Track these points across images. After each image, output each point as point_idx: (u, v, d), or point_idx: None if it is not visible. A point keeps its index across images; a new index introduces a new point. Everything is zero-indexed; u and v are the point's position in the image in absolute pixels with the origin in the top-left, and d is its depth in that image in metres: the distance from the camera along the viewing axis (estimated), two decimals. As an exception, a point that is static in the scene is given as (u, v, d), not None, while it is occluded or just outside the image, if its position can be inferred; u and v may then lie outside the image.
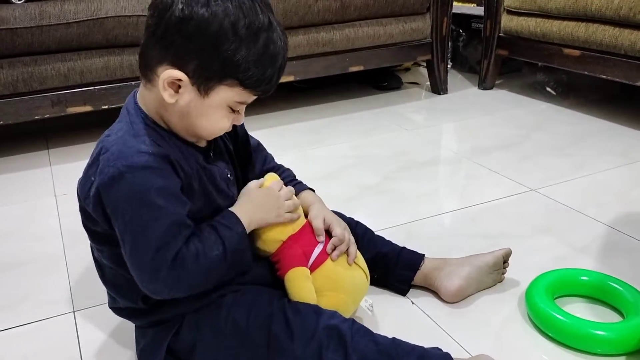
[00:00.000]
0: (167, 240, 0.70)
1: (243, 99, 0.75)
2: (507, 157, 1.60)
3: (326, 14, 1.90)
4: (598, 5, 1.74)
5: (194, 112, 0.74)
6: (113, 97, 1.68)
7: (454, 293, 0.96)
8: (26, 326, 0.97)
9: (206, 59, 0.70)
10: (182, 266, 0.71)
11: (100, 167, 0.71)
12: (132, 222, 0.70)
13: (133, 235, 0.70)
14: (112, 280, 0.81)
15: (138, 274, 0.72)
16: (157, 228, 0.70)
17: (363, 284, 0.89)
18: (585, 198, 1.34)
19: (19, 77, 1.56)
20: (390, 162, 1.60)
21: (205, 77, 0.71)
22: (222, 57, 0.69)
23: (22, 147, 1.77)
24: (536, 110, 2.02)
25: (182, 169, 0.75)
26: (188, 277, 0.72)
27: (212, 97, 0.73)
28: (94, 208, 0.73)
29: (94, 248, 0.82)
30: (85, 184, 0.75)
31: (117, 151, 0.71)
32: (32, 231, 1.29)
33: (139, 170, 0.70)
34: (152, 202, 0.70)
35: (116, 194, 0.70)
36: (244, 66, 0.70)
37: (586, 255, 1.11)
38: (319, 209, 0.90)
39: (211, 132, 0.78)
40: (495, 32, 2.16)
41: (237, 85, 0.72)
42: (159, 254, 0.70)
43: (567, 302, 0.97)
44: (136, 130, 0.74)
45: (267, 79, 0.73)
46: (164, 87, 0.71)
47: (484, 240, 1.16)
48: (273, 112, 2.05)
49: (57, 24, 1.54)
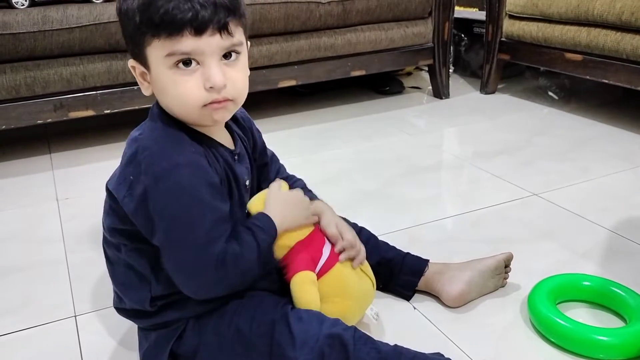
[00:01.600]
0: (213, 237, 0.71)
1: (169, 48, 0.69)
2: (509, 162, 1.60)
3: (328, 18, 1.91)
4: (600, 10, 1.74)
5: (157, 91, 0.74)
6: (115, 101, 1.68)
7: (456, 298, 0.96)
8: (28, 330, 0.97)
9: (125, 32, 0.73)
10: (224, 266, 0.71)
11: (143, 167, 0.71)
12: (180, 218, 0.70)
13: (180, 232, 0.70)
14: (122, 277, 0.81)
15: (182, 272, 0.72)
16: (205, 224, 0.70)
17: (370, 291, 0.89)
18: (587, 203, 1.34)
19: (22, 82, 1.56)
20: (392, 166, 1.60)
21: (133, 49, 0.73)
22: (123, 23, 0.72)
23: (24, 151, 1.78)
24: (538, 115, 2.02)
25: (215, 169, 0.76)
26: (227, 277, 0.73)
27: (151, 65, 0.72)
28: (135, 208, 0.72)
29: (109, 246, 0.81)
30: (123, 183, 0.74)
31: (159, 150, 0.72)
32: (33, 235, 1.29)
33: (185, 167, 0.70)
34: (200, 197, 0.70)
35: (164, 191, 0.70)
36: (138, 17, 0.69)
37: (588, 260, 1.11)
38: (330, 216, 0.90)
39: (182, 105, 0.72)
40: (497, 36, 2.16)
41: (150, 38, 0.69)
42: (206, 251, 0.70)
43: (570, 308, 0.97)
44: (171, 130, 0.75)
45: (160, 11, 0.67)
46: (139, 82, 0.75)
47: (486, 245, 1.15)
48: (275, 117, 2.05)
49: (59, 29, 1.55)
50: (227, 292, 0.76)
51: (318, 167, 1.61)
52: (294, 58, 1.91)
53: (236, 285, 0.76)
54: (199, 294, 0.74)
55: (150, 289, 0.78)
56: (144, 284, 0.78)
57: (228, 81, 0.72)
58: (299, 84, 1.97)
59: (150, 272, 0.77)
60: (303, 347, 0.74)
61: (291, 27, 1.86)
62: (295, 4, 1.82)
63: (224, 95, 0.72)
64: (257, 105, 2.16)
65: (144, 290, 0.78)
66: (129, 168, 0.73)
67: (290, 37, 1.88)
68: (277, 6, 1.79)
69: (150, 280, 0.78)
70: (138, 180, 0.71)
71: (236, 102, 0.76)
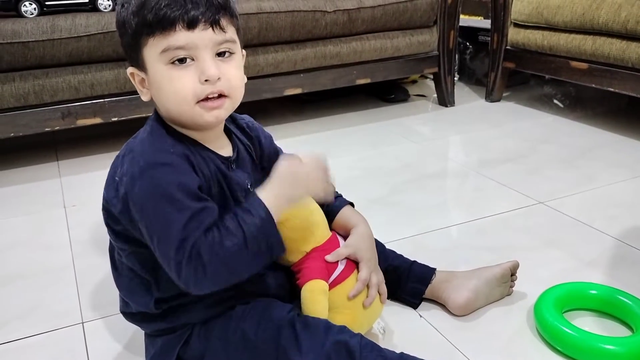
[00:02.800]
0: (187, 233, 0.69)
1: (163, 44, 0.71)
2: (515, 170, 1.60)
3: (334, 27, 1.92)
4: (605, 19, 1.75)
5: (154, 92, 0.75)
6: (123, 109, 1.69)
7: (462, 306, 0.96)
8: (35, 337, 0.97)
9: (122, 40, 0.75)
10: (199, 257, 0.68)
11: (125, 167, 0.73)
12: (156, 217, 0.70)
13: (158, 231, 0.70)
14: (127, 282, 0.81)
15: (167, 269, 0.71)
16: (179, 221, 0.69)
17: (379, 305, 0.89)
18: (593, 211, 1.34)
19: (30, 90, 1.58)
20: (397, 174, 1.61)
21: (130, 54, 0.75)
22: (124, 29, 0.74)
23: (31, 159, 1.79)
24: (543, 123, 2.02)
25: (202, 171, 0.75)
26: (206, 269, 0.68)
27: (148, 66, 0.73)
28: (121, 209, 0.74)
29: (114, 249, 0.82)
30: (111, 184, 0.76)
31: (140, 151, 0.73)
32: (41, 242, 1.30)
33: (159, 166, 0.71)
34: (172, 196, 0.70)
35: (139, 191, 0.71)
36: (132, 19, 0.72)
37: (594, 268, 1.11)
38: (357, 239, 0.88)
39: (176, 101, 0.73)
40: (502, 44, 2.17)
41: (145, 38, 0.71)
42: (181, 246, 0.68)
43: (576, 316, 0.96)
44: (158, 133, 0.76)
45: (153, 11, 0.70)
46: (139, 90, 0.77)
47: (491, 253, 1.15)
48: (280, 124, 2.06)
49: (68, 38, 1.57)
50: (218, 284, 0.71)
51: (324, 175, 1.61)
52: (300, 66, 1.92)
53: (225, 276, 0.71)
54: (190, 288, 0.71)
55: (153, 293, 0.78)
56: (146, 288, 0.79)
57: (222, 75, 0.73)
58: (305, 92, 1.98)
59: (150, 276, 0.78)
60: (309, 353, 0.74)
61: (297, 36, 1.87)
62: (301, 12, 1.83)
63: (218, 89, 0.73)
64: (262, 112, 2.17)
65: (147, 295, 0.79)
66: (116, 169, 0.76)
67: (297, 45, 1.89)
68: (284, 15, 1.81)
69: (152, 284, 0.78)
70: (122, 182, 0.73)
71: (232, 100, 0.76)
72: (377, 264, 0.90)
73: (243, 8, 1.74)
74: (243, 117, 0.91)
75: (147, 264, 0.77)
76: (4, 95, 1.55)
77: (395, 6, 2.00)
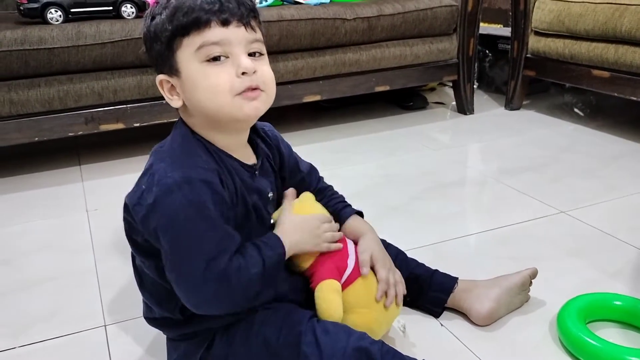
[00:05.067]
0: (218, 252, 0.71)
1: (198, 42, 0.72)
2: (536, 179, 1.59)
3: (353, 35, 1.92)
4: (628, 27, 1.73)
5: (189, 95, 0.76)
6: (145, 115, 1.71)
7: (486, 316, 0.95)
8: (58, 339, 0.98)
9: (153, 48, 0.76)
10: (228, 280, 0.71)
11: (157, 178, 0.73)
12: (187, 231, 0.71)
13: (187, 245, 0.71)
14: (151, 289, 0.82)
15: (184, 285, 0.72)
16: (212, 239, 0.71)
17: (395, 305, 0.88)
18: (616, 221, 1.32)
19: (55, 95, 1.61)
20: (416, 182, 1.60)
21: (162, 60, 0.76)
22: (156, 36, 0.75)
23: (54, 163, 1.82)
24: (564, 132, 2.00)
25: (228, 187, 0.76)
26: (230, 292, 0.72)
27: (182, 68, 0.75)
28: (143, 218, 0.73)
29: (135, 257, 0.83)
30: (136, 192, 0.76)
31: (173, 163, 0.73)
32: (64, 245, 1.31)
33: (195, 182, 0.71)
34: (208, 213, 0.71)
35: (172, 204, 0.71)
36: (167, 24, 0.73)
37: (617, 279, 1.09)
38: (368, 242, 0.90)
39: (214, 97, 0.74)
40: (522, 53, 2.16)
41: (180, 40, 0.73)
42: (210, 266, 0.70)
43: (600, 327, 0.95)
44: (190, 145, 0.77)
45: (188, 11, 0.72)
46: (167, 97, 0.78)
47: (512, 263, 1.14)
48: (299, 131, 2.07)
49: (92, 44, 1.59)
50: (229, 308, 0.75)
51: (342, 182, 1.60)
52: (319, 73, 1.93)
53: (239, 301, 0.74)
54: (200, 308, 0.73)
55: (177, 300, 0.79)
56: (171, 296, 0.79)
57: (257, 70, 0.75)
58: (324, 99, 1.99)
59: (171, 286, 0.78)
60: (330, 359, 0.75)
61: (317, 43, 1.88)
62: (321, 20, 1.84)
63: (255, 82, 0.74)
64: (281, 119, 2.18)
65: (171, 301, 0.79)
66: (143, 178, 0.76)
67: (316, 52, 1.90)
68: (304, 22, 1.82)
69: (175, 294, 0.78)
70: (150, 191, 0.73)
71: (267, 95, 0.77)
72: (392, 264, 0.90)
73: (264, 16, 1.73)
74: (264, 125, 0.92)
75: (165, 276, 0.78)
76: (29, 101, 1.58)
77: (415, 14, 2.01)
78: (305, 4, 1.95)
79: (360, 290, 0.84)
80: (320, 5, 1.93)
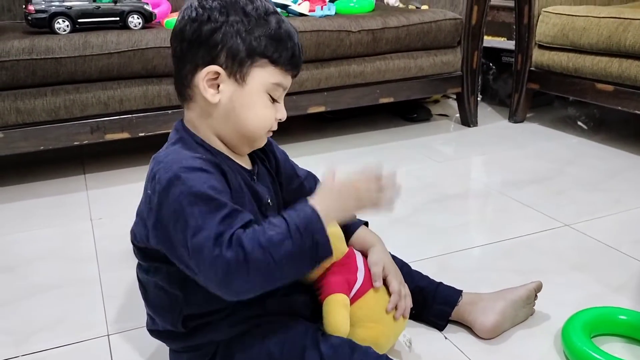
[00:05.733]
0: (224, 227, 0.68)
1: (278, 79, 0.79)
2: (540, 191, 1.59)
3: (358, 47, 1.93)
4: (632, 42, 1.74)
5: (238, 105, 0.78)
6: (150, 124, 1.72)
7: (491, 329, 0.95)
8: (61, 348, 0.98)
9: (231, 45, 0.76)
10: (239, 245, 0.66)
11: (157, 177, 0.73)
12: (191, 215, 0.69)
13: (193, 227, 0.68)
14: (154, 301, 0.82)
15: (204, 269, 0.68)
16: (216, 216, 0.68)
17: (402, 319, 0.88)
18: (620, 235, 1.32)
19: (61, 104, 1.61)
20: (420, 193, 1.60)
21: (237, 62, 0.76)
22: (243, 38, 0.76)
23: (59, 172, 1.82)
24: (568, 145, 2.01)
25: (231, 181, 0.77)
26: (247, 257, 0.66)
27: (250, 82, 0.77)
28: (155, 222, 0.73)
29: (140, 269, 0.83)
30: (146, 200, 0.76)
31: (171, 160, 0.74)
32: (68, 254, 1.31)
33: (194, 170, 0.72)
34: (209, 196, 0.70)
35: (173, 196, 0.71)
36: (265, 42, 0.76)
37: (621, 293, 1.09)
38: (379, 254, 0.90)
39: (258, 125, 0.80)
40: (526, 66, 2.17)
41: (268, 63, 0.78)
42: (218, 239, 0.67)
43: (605, 342, 0.95)
44: (189, 144, 0.78)
45: (290, 51, 0.79)
46: (204, 88, 0.77)
47: (516, 276, 1.14)
48: (304, 142, 2.07)
49: (99, 54, 1.60)
50: (259, 280, 0.68)
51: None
52: (324, 85, 1.94)
53: (266, 268, 0.67)
54: (231, 286, 0.67)
55: (182, 309, 0.79)
56: (175, 305, 0.79)
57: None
58: (328, 110, 2.00)
59: (179, 291, 0.78)
60: (335, 373, 0.74)
61: (322, 55, 1.89)
62: (326, 32, 1.86)
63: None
64: (285, 130, 2.18)
65: (175, 312, 0.79)
66: (148, 184, 0.76)
67: (321, 64, 1.91)
68: (309, 34, 1.83)
69: (181, 301, 0.79)
70: (155, 192, 0.73)
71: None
72: (402, 277, 0.90)
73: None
74: None
75: (175, 280, 0.78)
76: (35, 110, 1.59)
77: (420, 27, 2.02)
78: (311, 16, 1.96)
79: (369, 304, 0.84)
80: (326, 17, 1.94)
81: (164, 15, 1.94)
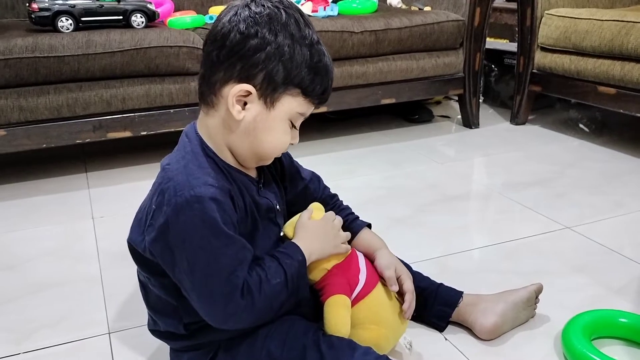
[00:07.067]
0: (235, 268, 0.72)
1: (304, 109, 0.79)
2: (541, 194, 1.59)
3: (361, 48, 1.94)
4: (634, 45, 1.74)
5: (260, 126, 0.77)
6: (152, 123, 1.72)
7: (490, 330, 0.95)
8: (62, 346, 0.99)
9: (271, 68, 0.74)
10: (250, 293, 0.73)
11: (167, 196, 0.73)
12: (202, 250, 0.71)
13: (203, 263, 0.71)
14: (155, 303, 0.82)
15: (206, 304, 0.72)
16: (228, 255, 0.72)
17: (404, 321, 0.88)
18: (622, 237, 1.32)
19: (64, 103, 1.62)
20: (421, 194, 1.60)
21: (272, 87, 0.75)
22: (285, 64, 0.74)
23: (61, 170, 1.83)
24: (570, 147, 2.01)
25: (238, 205, 0.77)
26: (255, 304, 0.73)
27: (278, 108, 0.77)
28: (155, 238, 0.74)
29: (140, 272, 0.83)
30: (148, 212, 0.76)
31: (183, 181, 0.73)
32: (69, 252, 1.32)
33: (207, 201, 0.71)
34: (222, 230, 0.71)
35: (184, 224, 0.71)
36: (304, 73, 0.75)
37: (622, 296, 1.09)
38: (388, 257, 0.90)
39: (274, 148, 0.81)
40: (528, 68, 2.17)
41: (299, 94, 0.77)
42: (230, 281, 0.71)
43: (605, 344, 0.95)
44: (200, 162, 0.76)
45: (324, 86, 0.79)
46: (232, 104, 0.75)
47: (517, 277, 1.14)
48: (306, 142, 2.07)
49: (102, 53, 1.60)
50: (255, 321, 0.76)
51: (347, 193, 1.61)
52: (326, 85, 1.93)
53: (264, 313, 0.76)
54: (228, 323, 0.74)
55: (182, 317, 0.79)
56: (175, 312, 0.80)
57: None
58: (330, 111, 2.00)
59: (178, 303, 0.79)
60: (335, 374, 0.75)
61: (324, 55, 1.89)
62: (329, 33, 1.86)
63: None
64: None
65: (176, 318, 0.80)
66: (154, 198, 0.76)
67: (323, 64, 1.91)
68: (312, 35, 1.83)
69: (180, 309, 0.79)
70: (160, 211, 0.73)
71: None
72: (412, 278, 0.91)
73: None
74: None
75: (172, 292, 0.78)
76: (38, 108, 1.59)
77: (422, 28, 2.02)
78: (313, 16, 1.96)
79: (370, 306, 0.84)
80: (328, 18, 1.95)
81: (167, 14, 1.95)
